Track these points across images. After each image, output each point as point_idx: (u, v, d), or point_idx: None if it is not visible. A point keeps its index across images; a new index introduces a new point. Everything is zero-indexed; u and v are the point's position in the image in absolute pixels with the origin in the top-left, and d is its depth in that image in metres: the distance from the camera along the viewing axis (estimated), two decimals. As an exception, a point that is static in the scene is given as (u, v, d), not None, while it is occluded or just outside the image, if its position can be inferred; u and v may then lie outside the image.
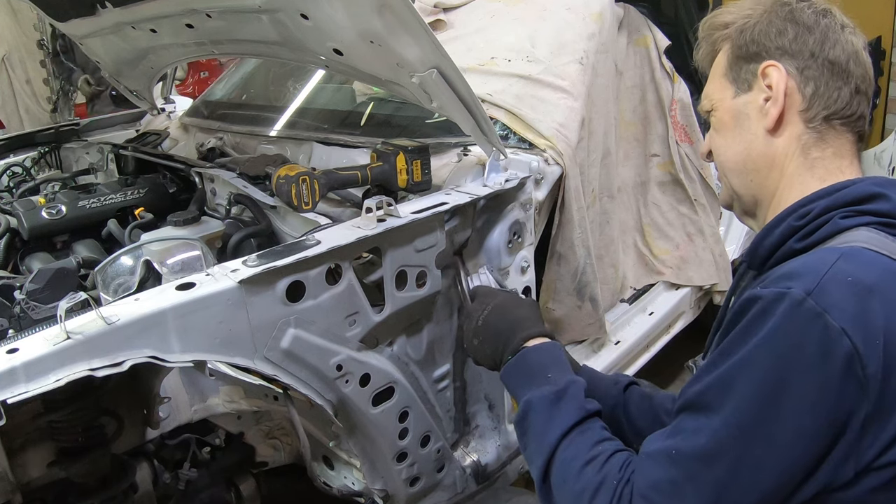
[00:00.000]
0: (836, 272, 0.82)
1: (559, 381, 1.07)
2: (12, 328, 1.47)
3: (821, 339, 0.79)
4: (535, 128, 1.90)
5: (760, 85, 1.01)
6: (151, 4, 1.78)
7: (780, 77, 0.99)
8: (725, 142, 1.06)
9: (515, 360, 1.14)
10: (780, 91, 0.99)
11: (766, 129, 1.00)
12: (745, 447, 0.82)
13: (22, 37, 5.90)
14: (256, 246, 1.67)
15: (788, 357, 0.80)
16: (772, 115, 0.99)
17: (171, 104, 2.94)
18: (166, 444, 1.67)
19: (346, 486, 1.69)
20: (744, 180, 1.05)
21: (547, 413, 1.04)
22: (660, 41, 2.43)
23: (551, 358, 1.12)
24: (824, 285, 0.81)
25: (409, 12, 1.36)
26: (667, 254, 2.58)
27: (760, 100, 1.01)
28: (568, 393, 1.04)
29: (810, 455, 0.81)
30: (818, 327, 0.79)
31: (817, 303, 0.80)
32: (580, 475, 0.94)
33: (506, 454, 1.86)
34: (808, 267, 0.85)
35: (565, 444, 0.99)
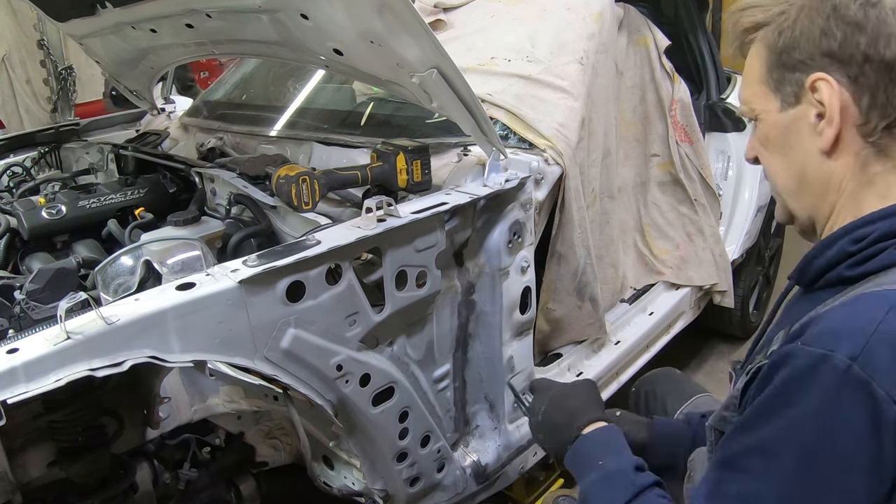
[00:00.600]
0: (883, 331, 0.76)
1: (609, 464, 1.07)
2: (12, 328, 1.47)
3: (868, 410, 0.75)
4: (535, 128, 1.90)
5: (810, 99, 0.89)
6: (151, 4, 1.78)
7: (833, 93, 0.87)
8: (777, 162, 0.97)
9: (573, 452, 1.15)
10: (834, 110, 0.87)
11: (821, 149, 0.90)
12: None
13: (22, 37, 5.91)
14: (256, 246, 1.67)
15: (837, 431, 0.76)
16: (828, 138, 0.89)
17: (171, 104, 2.94)
18: (166, 444, 1.67)
19: (347, 486, 1.69)
20: (800, 203, 0.97)
21: (600, 499, 1.05)
22: (660, 41, 2.43)
23: (603, 444, 1.12)
24: (871, 349, 0.75)
25: (409, 12, 1.36)
26: (667, 254, 2.58)
27: (812, 117, 0.90)
28: (616, 474, 1.04)
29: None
30: (865, 396, 0.75)
31: (863, 369, 0.75)
32: None
33: (506, 454, 1.86)
34: (852, 324, 0.78)
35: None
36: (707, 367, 3.20)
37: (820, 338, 0.79)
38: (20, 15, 5.80)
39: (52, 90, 6.10)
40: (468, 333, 1.74)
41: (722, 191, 2.90)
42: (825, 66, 0.87)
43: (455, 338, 1.71)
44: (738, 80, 3.24)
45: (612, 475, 1.05)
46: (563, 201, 1.88)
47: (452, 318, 1.69)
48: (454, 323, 1.70)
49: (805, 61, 0.89)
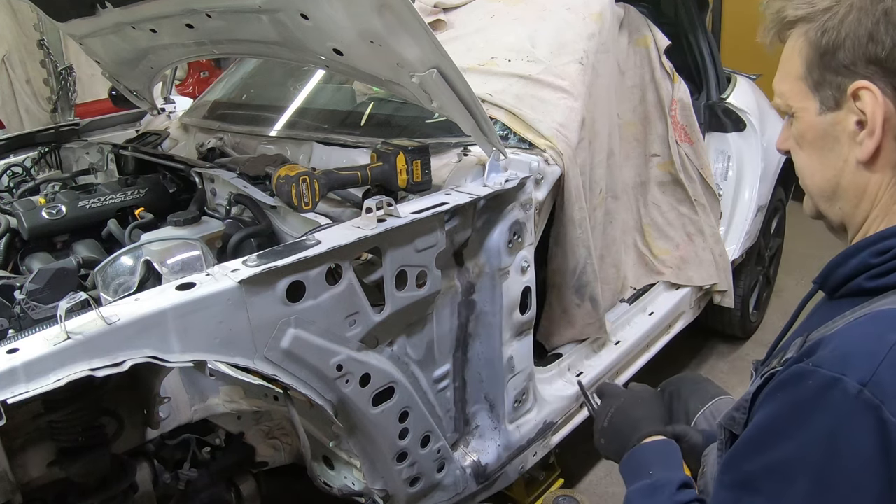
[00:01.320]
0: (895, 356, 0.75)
1: (658, 475, 1.08)
2: (12, 328, 1.47)
3: (878, 435, 0.74)
4: (535, 128, 1.90)
5: (851, 106, 0.85)
6: (151, 4, 1.79)
7: (877, 104, 0.82)
8: (811, 163, 0.94)
9: (628, 458, 1.17)
10: (877, 122, 0.83)
11: (859, 160, 0.86)
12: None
13: (22, 37, 5.91)
14: (256, 246, 1.67)
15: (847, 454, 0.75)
16: (867, 149, 0.85)
17: (171, 104, 2.94)
18: (166, 444, 1.67)
19: (347, 486, 1.69)
20: (831, 207, 0.94)
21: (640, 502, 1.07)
22: (660, 41, 2.43)
23: (656, 455, 1.13)
24: (881, 374, 0.74)
25: (409, 12, 1.36)
26: (667, 254, 2.58)
27: (852, 124, 0.86)
28: (662, 486, 1.05)
29: None
30: (875, 421, 0.74)
31: (874, 395, 0.74)
32: None
33: (506, 454, 1.86)
34: (864, 347, 0.77)
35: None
36: (707, 367, 3.20)
37: (831, 360, 0.78)
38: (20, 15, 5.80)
39: (52, 90, 6.10)
40: (468, 333, 1.74)
41: (722, 191, 2.90)
42: (869, 75, 0.83)
43: (455, 338, 1.71)
44: (738, 79, 3.24)
45: (657, 486, 1.06)
46: (562, 201, 1.88)
47: (452, 318, 1.69)
48: (454, 323, 1.70)
49: (848, 66, 0.84)
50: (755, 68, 3.45)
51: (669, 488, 1.05)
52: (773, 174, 3.15)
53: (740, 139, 3.02)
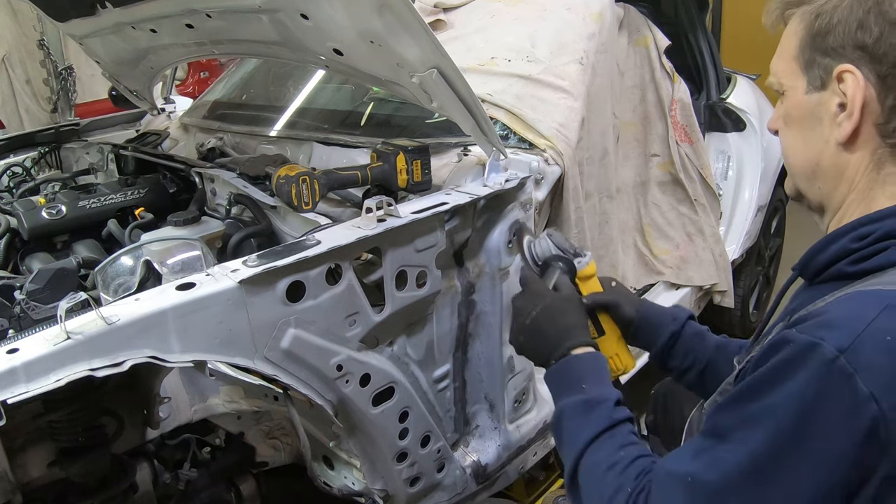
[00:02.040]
0: (875, 329, 0.78)
1: (592, 391, 1.08)
2: (12, 328, 1.47)
3: (848, 402, 0.77)
4: (535, 128, 1.90)
5: (835, 88, 0.89)
6: (151, 4, 1.79)
7: (858, 87, 0.87)
8: (794, 142, 0.98)
9: (557, 367, 1.15)
10: (856, 105, 0.87)
11: (839, 141, 0.91)
12: (757, 492, 0.81)
13: (22, 37, 5.91)
14: (256, 246, 1.67)
15: (813, 414, 0.78)
16: (845, 130, 0.89)
17: (171, 104, 2.94)
18: (166, 444, 1.67)
19: (347, 486, 1.69)
20: (811, 186, 0.98)
21: (577, 420, 1.05)
22: (660, 41, 2.43)
23: (590, 369, 1.12)
24: (859, 344, 0.77)
25: (409, 12, 1.36)
26: (667, 254, 2.58)
27: (834, 106, 0.90)
28: (599, 403, 1.05)
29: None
30: (846, 389, 0.77)
31: (849, 362, 0.76)
32: (602, 479, 0.96)
33: (506, 454, 1.86)
34: (846, 318, 0.80)
35: (592, 448, 1.01)
36: (707, 367, 3.19)
37: (814, 327, 0.81)
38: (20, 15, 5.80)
39: (52, 90, 6.10)
40: (468, 333, 1.74)
41: (722, 191, 2.90)
42: (855, 59, 0.87)
43: (455, 338, 1.71)
44: (737, 79, 3.24)
45: (592, 402, 1.06)
46: (560, 200, 1.88)
47: (452, 318, 1.69)
48: (454, 323, 1.70)
49: (837, 49, 0.88)
50: (755, 68, 3.45)
51: (606, 405, 1.05)
52: (773, 174, 3.15)
53: (740, 139, 3.02)
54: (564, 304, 1.24)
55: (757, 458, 0.81)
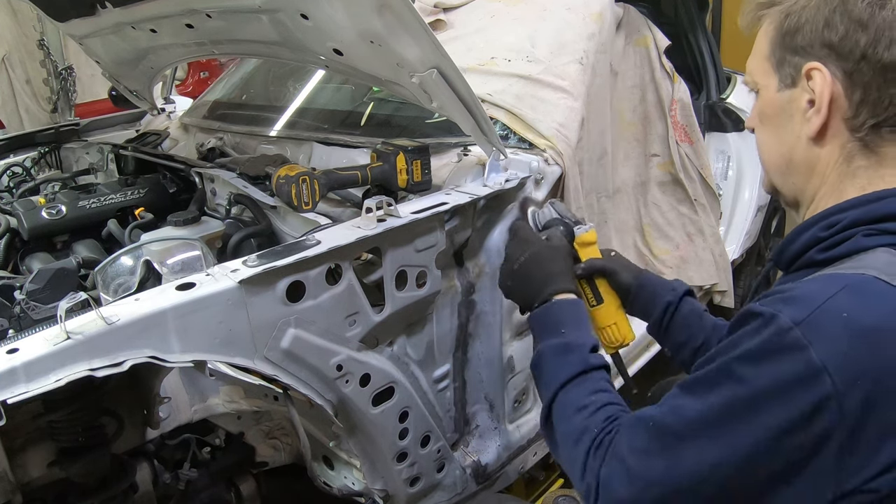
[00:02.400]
0: (832, 305, 0.80)
1: (570, 335, 1.13)
2: (12, 328, 1.47)
3: (799, 372, 0.79)
4: (535, 128, 1.90)
5: (805, 85, 0.92)
6: (151, 4, 1.79)
7: (825, 84, 0.89)
8: (768, 139, 1.01)
9: (540, 311, 1.21)
10: (823, 101, 0.90)
11: (809, 136, 0.94)
12: (707, 442, 0.85)
13: (22, 37, 5.92)
14: (256, 246, 1.67)
15: (765, 380, 0.81)
16: (814, 125, 0.92)
17: (171, 104, 2.94)
18: (166, 444, 1.67)
19: (347, 486, 1.69)
20: (784, 181, 1.02)
21: (554, 362, 1.11)
22: (660, 41, 2.43)
23: (570, 315, 1.18)
24: (815, 318, 0.80)
25: (409, 12, 1.36)
26: (667, 254, 2.58)
27: (804, 102, 0.93)
28: (575, 348, 1.10)
29: (769, 471, 0.83)
30: (799, 360, 0.79)
31: (803, 334, 0.79)
32: (571, 419, 1.02)
33: (506, 454, 1.86)
34: (806, 295, 0.83)
35: (566, 390, 1.06)
36: (707, 367, 3.19)
37: (774, 301, 0.85)
38: (20, 15, 5.80)
39: (52, 90, 6.11)
40: (468, 333, 1.74)
41: (722, 191, 2.90)
42: (823, 57, 0.90)
43: (455, 338, 1.71)
44: (737, 79, 3.24)
45: (570, 346, 1.11)
46: (561, 200, 1.88)
47: (452, 318, 1.69)
48: (454, 323, 1.69)
49: (805, 48, 0.91)
50: (755, 68, 3.45)
51: (582, 349, 1.10)
52: (773, 174, 3.15)
53: (740, 139, 3.02)
54: (551, 251, 1.28)
55: (712, 412, 0.85)
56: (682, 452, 0.87)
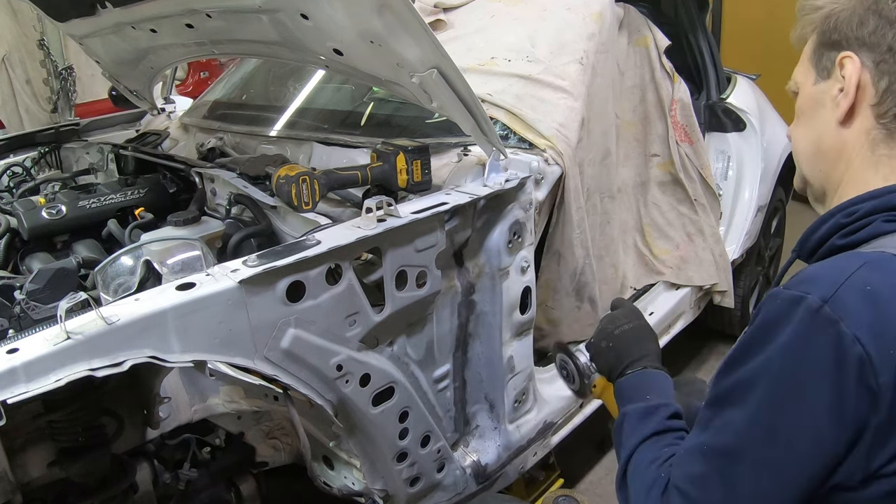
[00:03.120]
0: (855, 280, 0.84)
1: (654, 401, 1.16)
2: (12, 328, 1.47)
3: (835, 347, 0.81)
4: (535, 128, 1.90)
5: (837, 75, 1.00)
6: (151, 4, 1.79)
7: (854, 69, 0.98)
8: (802, 131, 1.08)
9: (631, 378, 1.23)
10: (851, 84, 0.98)
11: (837, 120, 1.00)
12: (766, 448, 0.86)
13: (22, 37, 5.91)
14: (256, 246, 1.67)
15: (804, 363, 0.83)
16: (842, 108, 0.99)
17: (171, 104, 2.94)
18: (166, 444, 1.67)
19: (347, 486, 1.69)
20: (813, 168, 1.07)
21: (635, 423, 1.13)
22: (660, 41, 2.43)
23: (657, 385, 1.21)
24: (841, 293, 0.83)
25: (409, 12, 1.36)
26: (667, 254, 2.58)
27: (835, 90, 1.00)
28: (658, 412, 1.13)
29: (827, 459, 0.84)
30: (832, 335, 0.82)
31: (833, 311, 0.82)
32: (644, 473, 1.03)
33: (506, 454, 1.86)
34: (828, 273, 0.87)
35: (642, 448, 1.08)
36: (707, 367, 3.20)
37: (798, 283, 0.88)
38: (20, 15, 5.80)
39: (52, 90, 6.10)
40: (468, 333, 1.75)
41: (722, 191, 2.90)
42: (855, 48, 0.98)
43: (455, 338, 1.71)
44: (737, 79, 3.24)
45: (652, 409, 1.13)
46: (562, 201, 1.88)
47: (452, 318, 1.69)
48: (454, 323, 1.70)
49: (841, 42, 1.00)
50: (755, 68, 3.45)
51: (663, 412, 1.12)
52: (773, 174, 3.15)
53: (740, 139, 3.02)
54: (650, 330, 1.33)
55: (760, 415, 0.86)
56: (738, 468, 0.88)
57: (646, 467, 1.03)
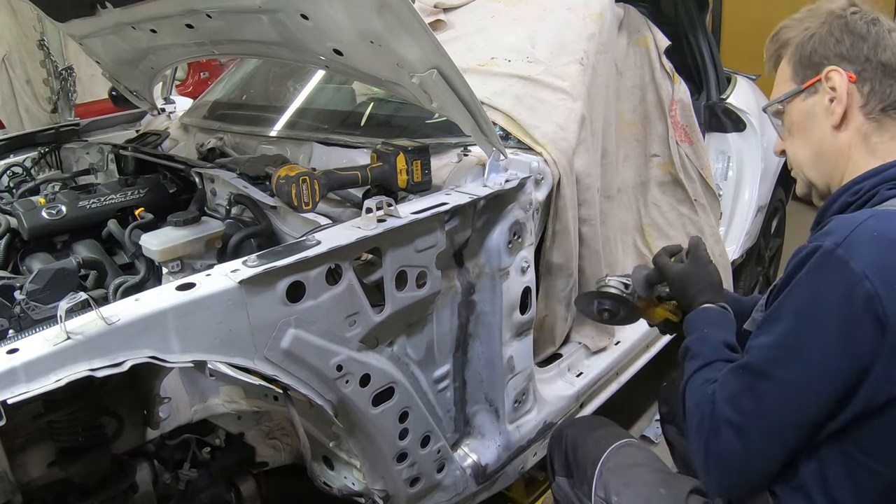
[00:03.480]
0: (863, 228, 1.00)
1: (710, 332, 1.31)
2: (12, 328, 1.47)
3: (845, 282, 0.98)
4: (531, 134, 1.90)
5: (825, 88, 1.17)
6: (151, 4, 1.78)
7: (842, 80, 1.15)
8: (799, 142, 1.24)
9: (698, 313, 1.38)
10: (843, 92, 1.15)
11: (833, 125, 1.17)
12: (787, 368, 1.03)
13: (22, 37, 5.91)
14: (256, 246, 1.67)
15: (820, 297, 1.00)
16: (837, 113, 1.16)
17: (171, 104, 2.94)
18: (166, 444, 1.67)
19: (347, 487, 1.69)
20: (818, 172, 1.22)
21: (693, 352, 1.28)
22: (660, 41, 2.43)
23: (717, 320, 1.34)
24: (851, 238, 0.99)
25: (409, 12, 1.36)
26: (667, 254, 2.57)
27: (826, 101, 1.17)
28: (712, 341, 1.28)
29: (840, 382, 1.00)
30: (843, 272, 0.98)
31: (844, 252, 0.98)
32: (697, 391, 1.19)
33: (506, 454, 1.86)
34: (841, 224, 1.03)
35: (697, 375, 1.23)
36: (707, 367, 3.19)
37: (817, 237, 1.04)
38: (20, 15, 5.80)
39: (52, 90, 6.10)
40: (468, 334, 1.75)
41: (722, 191, 2.90)
42: (837, 63, 1.16)
43: (455, 338, 1.71)
44: (737, 80, 3.24)
45: (708, 336, 1.29)
46: (556, 210, 1.88)
47: (452, 319, 1.69)
48: (454, 323, 1.70)
49: (822, 62, 1.17)
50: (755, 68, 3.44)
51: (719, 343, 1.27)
52: (773, 174, 3.16)
53: (740, 139, 3.02)
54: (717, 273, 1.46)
55: (784, 340, 1.04)
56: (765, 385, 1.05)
57: (698, 387, 1.19)
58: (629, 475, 1.43)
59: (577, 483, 1.54)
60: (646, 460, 1.48)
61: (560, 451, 1.61)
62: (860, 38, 1.16)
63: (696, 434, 1.14)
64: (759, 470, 1.09)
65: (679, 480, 1.41)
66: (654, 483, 1.40)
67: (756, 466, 1.09)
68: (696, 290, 1.41)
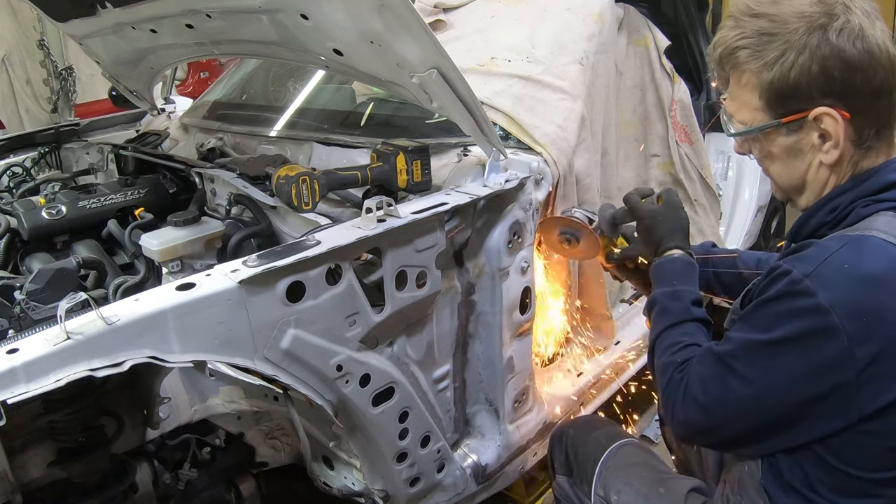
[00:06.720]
0: (834, 259, 1.00)
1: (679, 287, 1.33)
2: (12, 328, 1.47)
3: (809, 314, 0.99)
4: (530, 134, 1.90)
5: (813, 126, 1.08)
6: (151, 4, 1.78)
7: (837, 125, 1.05)
8: (780, 170, 1.16)
9: (661, 262, 1.40)
10: (840, 136, 1.06)
11: (825, 163, 1.10)
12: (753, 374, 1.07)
13: (22, 37, 5.92)
14: (256, 246, 1.67)
15: (787, 321, 1.02)
16: (832, 156, 1.08)
17: (171, 104, 2.94)
18: (166, 444, 1.67)
19: (346, 487, 1.69)
20: (801, 197, 1.17)
21: (662, 307, 1.32)
22: (660, 41, 2.43)
23: (682, 270, 1.37)
24: (820, 270, 1.00)
25: (409, 12, 1.36)
26: (667, 254, 2.57)
27: (814, 138, 1.09)
28: (682, 296, 1.32)
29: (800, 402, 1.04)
30: (808, 303, 0.99)
31: (811, 284, 0.99)
32: (664, 352, 1.25)
33: (506, 454, 1.86)
34: (813, 253, 1.03)
35: (666, 332, 1.28)
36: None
37: (791, 260, 1.05)
38: (20, 15, 5.80)
39: (52, 90, 6.11)
40: (468, 334, 1.75)
41: (722, 191, 2.90)
42: (827, 103, 1.05)
43: (455, 338, 1.71)
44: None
45: (679, 294, 1.32)
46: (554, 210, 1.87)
47: (452, 319, 1.69)
48: (454, 323, 1.70)
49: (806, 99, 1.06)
50: (755, 68, 3.44)
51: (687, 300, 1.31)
52: (773, 174, 3.15)
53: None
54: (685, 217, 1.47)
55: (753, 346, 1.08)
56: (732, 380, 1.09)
57: (667, 348, 1.25)
58: (629, 474, 1.44)
59: (577, 482, 1.54)
60: (645, 460, 1.48)
61: (560, 450, 1.61)
62: (851, 68, 1.02)
63: (663, 393, 1.23)
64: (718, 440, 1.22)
65: (678, 480, 1.42)
66: (653, 482, 1.40)
67: (716, 436, 1.19)
68: (665, 231, 1.42)
